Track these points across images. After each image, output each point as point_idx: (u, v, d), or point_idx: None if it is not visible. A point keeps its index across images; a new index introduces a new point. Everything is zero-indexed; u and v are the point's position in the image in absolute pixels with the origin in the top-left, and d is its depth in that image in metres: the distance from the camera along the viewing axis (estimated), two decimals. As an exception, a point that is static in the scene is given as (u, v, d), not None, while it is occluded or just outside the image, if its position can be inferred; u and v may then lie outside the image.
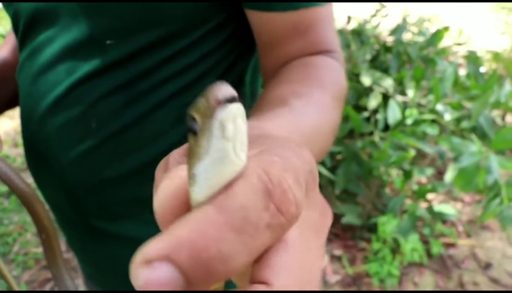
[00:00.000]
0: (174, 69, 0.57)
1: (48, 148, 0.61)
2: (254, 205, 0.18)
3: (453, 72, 2.01)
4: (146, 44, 0.55)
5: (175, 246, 0.17)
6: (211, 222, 0.17)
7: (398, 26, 2.48)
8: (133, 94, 0.57)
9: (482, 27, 4.48)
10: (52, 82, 0.58)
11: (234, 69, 0.62)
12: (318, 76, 0.50)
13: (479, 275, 1.97)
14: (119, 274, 0.69)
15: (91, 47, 0.56)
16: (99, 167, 0.61)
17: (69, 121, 0.59)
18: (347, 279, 1.96)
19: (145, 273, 0.17)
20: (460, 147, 1.78)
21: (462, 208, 2.38)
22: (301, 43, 0.54)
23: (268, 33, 0.55)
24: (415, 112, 2.00)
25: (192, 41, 0.56)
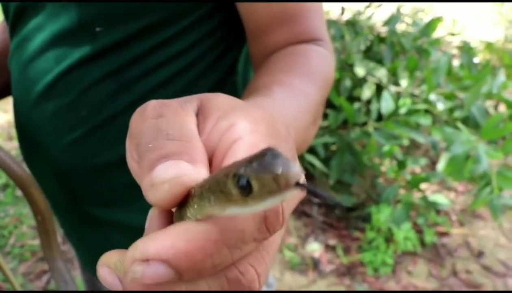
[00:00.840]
0: (163, 56, 0.57)
1: (39, 135, 0.62)
2: (250, 228, 0.21)
3: (446, 62, 2.02)
4: (135, 31, 0.55)
5: (175, 254, 0.20)
6: (211, 240, 0.20)
7: (392, 17, 2.48)
8: (123, 81, 0.57)
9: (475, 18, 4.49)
10: (42, 70, 0.59)
11: (225, 58, 0.62)
12: (303, 65, 0.51)
13: (472, 263, 2.00)
14: None
15: (80, 34, 0.56)
16: (90, 154, 0.61)
17: (60, 109, 0.59)
18: (341, 268, 1.98)
19: (141, 268, 0.20)
20: (452, 137, 1.79)
21: (456, 197, 2.40)
22: (288, 32, 0.55)
23: (254, 23, 0.56)
24: (408, 103, 2.01)
25: (181, 29, 0.56)
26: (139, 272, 0.20)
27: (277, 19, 0.54)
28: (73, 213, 0.67)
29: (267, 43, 0.56)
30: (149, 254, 0.20)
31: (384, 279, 1.92)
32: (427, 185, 2.43)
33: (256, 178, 0.18)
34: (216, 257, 0.20)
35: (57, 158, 0.62)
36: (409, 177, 2.09)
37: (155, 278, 0.20)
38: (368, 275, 1.93)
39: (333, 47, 2.01)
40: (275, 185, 0.18)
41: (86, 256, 0.76)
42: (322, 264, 1.99)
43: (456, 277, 1.92)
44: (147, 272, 0.20)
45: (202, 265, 0.20)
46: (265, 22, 0.55)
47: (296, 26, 0.55)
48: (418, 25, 2.63)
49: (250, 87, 0.48)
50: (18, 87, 0.64)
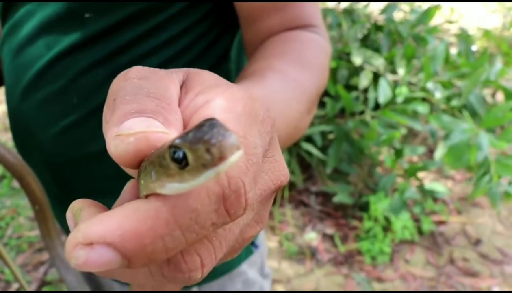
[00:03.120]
0: (154, 43, 0.56)
1: (30, 123, 0.61)
2: (205, 208, 0.19)
3: (444, 50, 2.01)
4: (125, 17, 0.54)
5: (122, 235, 0.18)
6: (162, 219, 0.18)
7: (389, 5, 2.46)
8: (114, 68, 0.56)
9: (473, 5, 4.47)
10: (33, 56, 0.58)
11: (217, 45, 0.61)
12: (297, 52, 0.50)
13: (469, 251, 2.00)
14: None
15: (70, 21, 0.55)
16: (82, 143, 0.60)
17: (50, 96, 0.58)
18: (339, 257, 1.98)
19: (84, 253, 0.18)
20: (450, 125, 1.78)
21: (453, 185, 2.40)
22: (281, 17, 0.54)
23: (247, 8, 0.55)
24: (405, 91, 2.00)
25: (171, 15, 0.55)
26: (82, 257, 0.18)
27: (270, 4, 0.53)
28: (66, 202, 0.66)
29: (260, 29, 0.55)
30: (92, 237, 0.18)
31: (381, 267, 1.92)
32: (425, 173, 2.43)
33: (189, 148, 0.17)
34: (168, 240, 0.18)
35: (48, 146, 0.61)
36: (406, 166, 2.08)
37: (100, 264, 0.18)
38: (366, 263, 1.93)
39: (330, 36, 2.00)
40: (208, 156, 0.17)
41: None
42: (319, 253, 1.99)
43: (453, 265, 1.93)
44: (91, 257, 0.18)
45: (152, 248, 0.18)
46: (258, 7, 0.54)
47: (290, 12, 0.54)
48: (416, 13, 2.61)
49: (243, 73, 0.47)
50: (9, 74, 0.63)
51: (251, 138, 0.21)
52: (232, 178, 0.19)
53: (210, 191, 0.19)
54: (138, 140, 0.20)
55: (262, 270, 0.77)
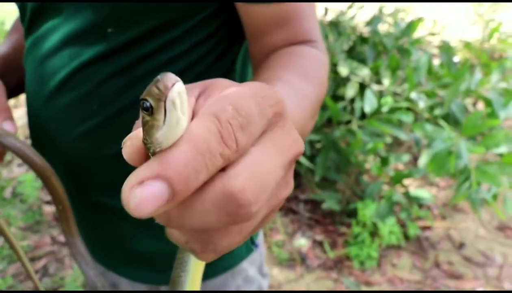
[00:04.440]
0: (169, 55, 0.61)
1: (52, 127, 0.66)
2: (212, 139, 0.24)
3: (427, 61, 2.07)
4: (144, 32, 0.59)
5: (163, 167, 0.23)
6: (186, 151, 0.23)
7: (373, 17, 2.54)
8: (132, 78, 0.62)
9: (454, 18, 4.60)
10: (57, 66, 0.63)
11: (225, 57, 0.67)
12: (301, 65, 0.55)
13: (454, 254, 2.07)
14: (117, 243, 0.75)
15: (93, 35, 0.60)
16: (99, 145, 0.65)
17: (72, 103, 0.63)
18: (328, 262, 2.03)
19: (138, 191, 0.22)
20: (433, 134, 1.85)
21: (437, 192, 2.47)
22: (285, 34, 0.59)
23: (253, 24, 0.60)
24: (390, 101, 2.06)
25: (186, 29, 0.61)
26: (137, 196, 0.22)
27: (274, 21, 0.58)
28: (80, 200, 0.71)
29: (265, 44, 0.60)
30: (142, 176, 0.22)
31: (369, 272, 1.98)
32: (410, 180, 2.50)
33: (147, 93, 0.22)
34: (195, 163, 0.23)
35: (68, 148, 0.66)
36: (392, 173, 2.15)
37: (153, 199, 0.22)
38: (354, 268, 1.99)
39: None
40: (157, 91, 0.22)
41: (95, 246, 0.80)
42: (309, 258, 2.04)
43: (439, 268, 1.99)
44: (144, 193, 0.22)
45: (186, 170, 0.22)
46: (263, 24, 0.59)
47: (292, 28, 0.59)
48: (399, 25, 2.69)
49: None
50: (32, 82, 0.68)
51: (245, 102, 0.26)
52: (222, 120, 0.24)
53: (211, 128, 0.24)
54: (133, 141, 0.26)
55: (261, 269, 0.82)
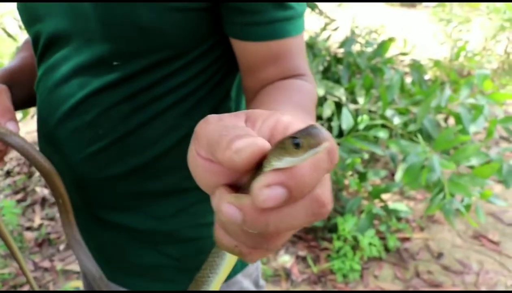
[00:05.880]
0: (171, 85, 0.67)
1: (62, 149, 0.71)
2: (324, 161, 0.31)
3: (399, 80, 2.16)
4: (148, 64, 0.65)
5: (288, 178, 0.29)
6: (307, 168, 0.30)
7: (346, 38, 2.64)
8: (135, 106, 0.67)
9: (423, 38, 4.78)
10: (67, 94, 0.68)
11: (222, 85, 0.72)
12: (295, 97, 0.60)
13: (433, 264, 2.14)
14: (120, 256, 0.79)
15: (100, 67, 0.65)
16: (104, 166, 0.70)
17: (80, 127, 0.69)
18: (312, 277, 2.08)
19: (266, 191, 0.29)
20: (407, 148, 1.93)
21: (414, 205, 2.56)
22: (276, 69, 0.64)
23: (247, 59, 0.65)
24: (366, 118, 2.13)
25: (186, 62, 0.66)
26: (264, 194, 0.28)
27: (267, 57, 0.63)
28: (86, 215, 0.75)
29: (259, 78, 0.65)
30: (270, 180, 0.29)
31: (353, 284, 2.03)
32: (388, 195, 2.58)
33: (302, 134, 0.29)
34: (313, 179, 0.30)
35: (76, 169, 0.70)
36: (371, 188, 2.22)
37: (274, 198, 0.28)
38: (338, 281, 2.04)
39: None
40: (314, 141, 0.29)
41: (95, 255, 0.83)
42: (294, 274, 2.08)
43: (419, 278, 2.06)
44: (269, 193, 0.28)
45: (304, 182, 0.29)
46: (256, 60, 0.64)
47: (285, 63, 0.64)
48: (371, 45, 2.79)
49: None
50: (43, 107, 0.73)
51: None
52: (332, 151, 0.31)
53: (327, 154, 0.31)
54: (253, 148, 0.30)
55: (257, 282, 0.85)
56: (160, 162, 0.71)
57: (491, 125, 1.92)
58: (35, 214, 2.71)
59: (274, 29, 0.62)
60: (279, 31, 0.62)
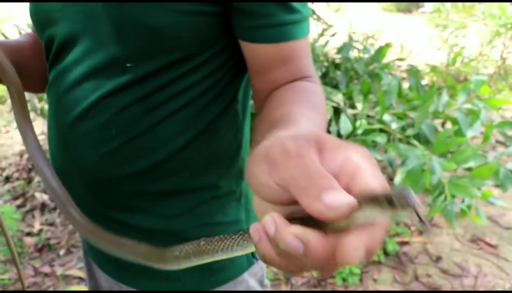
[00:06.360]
0: (182, 86, 0.68)
1: (74, 151, 0.72)
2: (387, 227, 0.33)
3: (397, 85, 2.18)
4: (160, 66, 0.66)
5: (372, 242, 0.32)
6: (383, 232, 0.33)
7: (344, 44, 2.66)
8: (147, 107, 0.68)
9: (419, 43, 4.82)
10: (80, 96, 0.69)
11: (230, 87, 0.73)
12: (307, 99, 0.62)
13: (431, 267, 2.16)
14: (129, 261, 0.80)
15: (113, 69, 0.67)
16: (116, 167, 0.71)
17: (94, 129, 0.70)
18: (312, 280, 2.09)
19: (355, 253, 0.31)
20: (406, 152, 1.95)
21: (413, 209, 2.57)
22: (286, 70, 0.66)
23: (256, 61, 0.67)
24: (364, 123, 2.14)
25: (197, 63, 0.68)
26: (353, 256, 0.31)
27: (277, 59, 0.65)
28: (95, 215, 0.76)
29: (268, 79, 0.67)
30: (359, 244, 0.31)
31: (352, 288, 2.04)
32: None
33: (396, 196, 0.31)
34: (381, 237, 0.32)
35: (88, 170, 0.71)
36: (370, 192, 2.22)
37: (357, 259, 0.31)
38: (337, 285, 2.05)
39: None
40: (406, 203, 0.30)
41: (101, 255, 0.85)
42: (293, 278, 2.09)
43: (418, 281, 2.07)
44: (355, 256, 0.31)
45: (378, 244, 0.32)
46: (266, 61, 0.66)
47: (293, 65, 0.66)
48: (368, 51, 2.81)
49: (269, 117, 0.57)
50: (55, 111, 0.74)
51: None
52: None
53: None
54: (349, 209, 0.32)
55: (262, 281, 0.87)
56: (170, 162, 0.72)
57: (487, 130, 1.94)
58: (35, 219, 2.71)
59: (284, 32, 0.64)
60: (288, 34, 0.64)
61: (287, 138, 0.37)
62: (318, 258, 0.32)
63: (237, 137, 0.78)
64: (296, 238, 0.32)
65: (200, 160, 0.75)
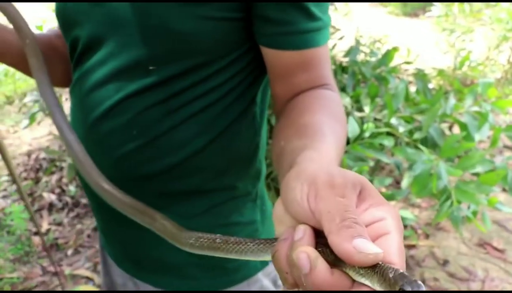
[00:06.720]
0: (202, 90, 0.70)
1: (95, 150, 0.73)
2: None
3: (404, 88, 2.18)
4: (182, 70, 0.68)
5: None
6: None
7: (351, 47, 2.67)
8: (169, 109, 0.70)
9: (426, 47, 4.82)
10: (103, 97, 0.71)
11: (249, 91, 0.75)
12: (330, 108, 0.63)
13: (438, 271, 2.16)
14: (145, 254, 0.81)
15: (136, 71, 0.68)
16: (136, 167, 0.73)
17: (115, 129, 0.71)
18: (319, 283, 2.09)
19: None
20: (413, 156, 1.95)
21: (419, 213, 2.57)
22: (307, 76, 0.67)
23: (279, 67, 0.68)
24: (372, 126, 2.14)
25: (218, 68, 0.69)
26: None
27: (299, 64, 0.66)
28: (112, 213, 0.78)
29: (290, 84, 0.68)
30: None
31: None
32: (394, 202, 2.60)
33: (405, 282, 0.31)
34: None
35: (108, 169, 0.72)
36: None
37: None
38: (345, 288, 2.05)
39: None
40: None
41: (119, 251, 0.86)
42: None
43: (425, 284, 2.07)
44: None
45: None
46: (288, 67, 0.67)
47: (315, 72, 0.67)
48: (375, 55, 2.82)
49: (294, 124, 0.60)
50: (78, 110, 0.76)
51: None
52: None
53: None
54: (375, 258, 0.33)
55: (276, 281, 0.88)
56: (189, 164, 0.73)
57: (495, 133, 1.94)
58: (43, 219, 2.74)
59: (306, 39, 0.65)
60: (311, 41, 0.65)
61: (337, 172, 0.39)
62: (314, 285, 0.34)
63: (255, 139, 0.80)
64: (307, 258, 0.34)
65: (218, 161, 0.76)
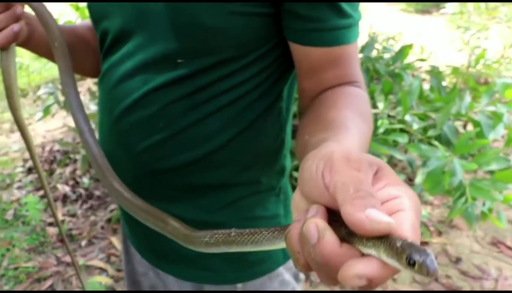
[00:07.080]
0: (229, 85, 0.70)
1: (121, 141, 0.75)
2: None
3: (418, 85, 2.18)
4: (210, 64, 0.68)
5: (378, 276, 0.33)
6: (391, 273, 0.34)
7: (366, 44, 2.66)
8: (195, 102, 0.70)
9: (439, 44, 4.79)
10: (131, 88, 0.72)
11: (276, 86, 0.75)
12: (357, 105, 0.63)
13: (451, 269, 2.16)
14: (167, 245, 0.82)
15: (164, 64, 0.69)
16: (162, 158, 0.74)
17: (142, 120, 0.72)
18: (331, 278, 2.10)
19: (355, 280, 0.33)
20: (427, 153, 1.94)
21: (432, 210, 2.57)
22: (336, 73, 0.67)
23: (308, 63, 0.68)
24: (385, 123, 2.14)
25: (246, 63, 0.69)
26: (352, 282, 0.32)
27: (328, 61, 0.66)
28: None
29: (318, 80, 0.68)
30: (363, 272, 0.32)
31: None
32: (406, 199, 2.59)
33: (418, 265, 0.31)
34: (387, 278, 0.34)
35: (135, 159, 0.74)
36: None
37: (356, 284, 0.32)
38: (356, 283, 2.05)
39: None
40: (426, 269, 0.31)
41: (142, 241, 0.88)
42: (313, 274, 2.10)
43: (437, 282, 2.07)
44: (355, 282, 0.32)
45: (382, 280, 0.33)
46: (317, 63, 0.67)
47: (343, 69, 0.67)
48: (389, 52, 2.81)
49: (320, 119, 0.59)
50: (107, 101, 0.77)
51: None
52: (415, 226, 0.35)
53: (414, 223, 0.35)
54: (386, 227, 0.33)
55: (297, 275, 0.88)
56: (213, 157, 0.74)
57: (510, 133, 1.93)
58: (57, 210, 2.77)
59: (337, 36, 0.64)
60: (341, 38, 0.65)
61: (354, 149, 0.39)
62: (323, 255, 0.34)
63: (280, 135, 0.80)
64: (316, 227, 0.34)
65: (243, 156, 0.76)
